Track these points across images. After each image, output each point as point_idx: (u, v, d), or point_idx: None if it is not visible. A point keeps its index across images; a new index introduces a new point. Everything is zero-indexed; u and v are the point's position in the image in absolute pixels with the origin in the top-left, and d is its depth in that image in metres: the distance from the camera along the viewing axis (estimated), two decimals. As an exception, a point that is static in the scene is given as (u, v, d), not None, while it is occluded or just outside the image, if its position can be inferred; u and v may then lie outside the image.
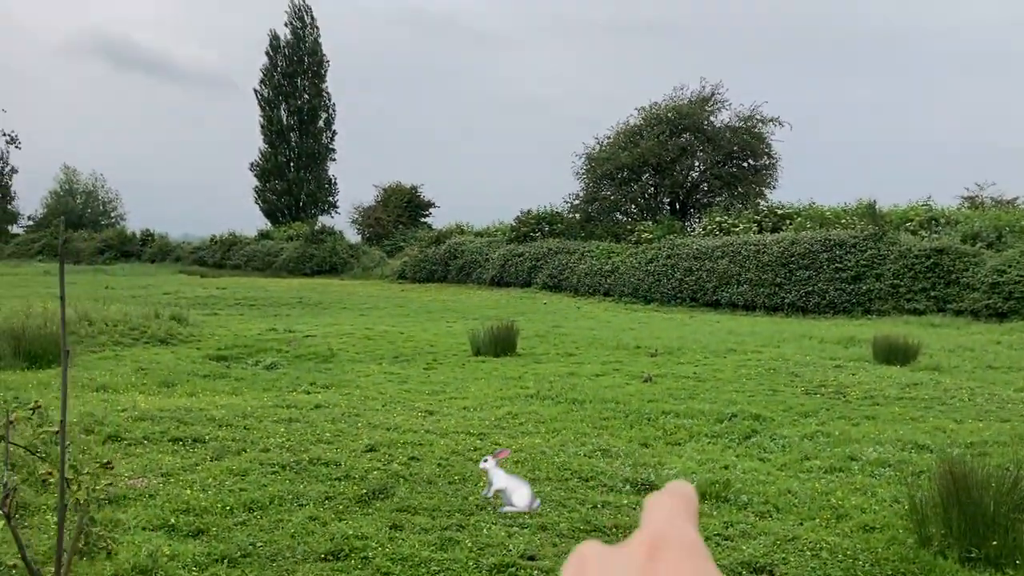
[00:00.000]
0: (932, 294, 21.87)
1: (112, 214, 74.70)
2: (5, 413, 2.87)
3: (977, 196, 31.89)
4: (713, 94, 35.27)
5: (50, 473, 2.68)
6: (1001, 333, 17.30)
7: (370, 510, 5.46)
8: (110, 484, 3.71)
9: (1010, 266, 20.58)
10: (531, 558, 4.72)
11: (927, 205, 27.21)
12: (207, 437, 7.11)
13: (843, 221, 26.28)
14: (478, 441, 7.41)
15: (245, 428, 7.54)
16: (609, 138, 36.58)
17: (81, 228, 64.59)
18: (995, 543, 4.66)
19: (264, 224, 57.08)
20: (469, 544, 4.85)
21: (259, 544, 4.79)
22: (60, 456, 2.55)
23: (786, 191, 51.97)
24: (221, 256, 50.79)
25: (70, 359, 11.36)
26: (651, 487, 6.10)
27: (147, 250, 55.57)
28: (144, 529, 4.94)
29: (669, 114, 35.02)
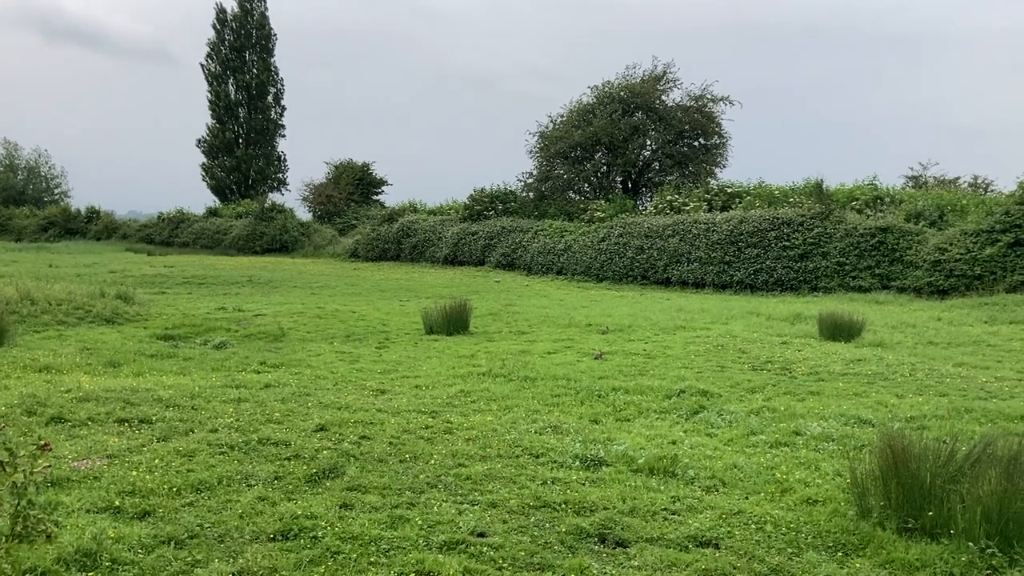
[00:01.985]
0: (876, 272, 22.33)
1: (56, 191, 72.85)
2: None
3: (920, 176, 32.57)
4: (665, 73, 35.40)
5: (-12, 459, 2.62)
6: (942, 310, 17.74)
7: (320, 489, 5.44)
8: (48, 466, 3.65)
9: (951, 245, 21.09)
10: (481, 535, 4.75)
11: (872, 184, 27.71)
12: (154, 418, 7.02)
13: (791, 200, 26.66)
14: (430, 419, 7.42)
15: (193, 408, 7.45)
16: (562, 116, 36.56)
17: (23, 204, 62.90)
18: (931, 514, 4.80)
19: (212, 201, 56.18)
20: (419, 522, 4.87)
21: (207, 525, 4.75)
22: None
23: (736, 170, 52.54)
24: (169, 234, 49.90)
25: (12, 339, 11.12)
26: (600, 463, 6.18)
27: (92, 227, 54.37)
28: (88, 512, 4.87)
29: (621, 93, 35.08)
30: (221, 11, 57.00)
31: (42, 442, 2.87)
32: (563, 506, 5.23)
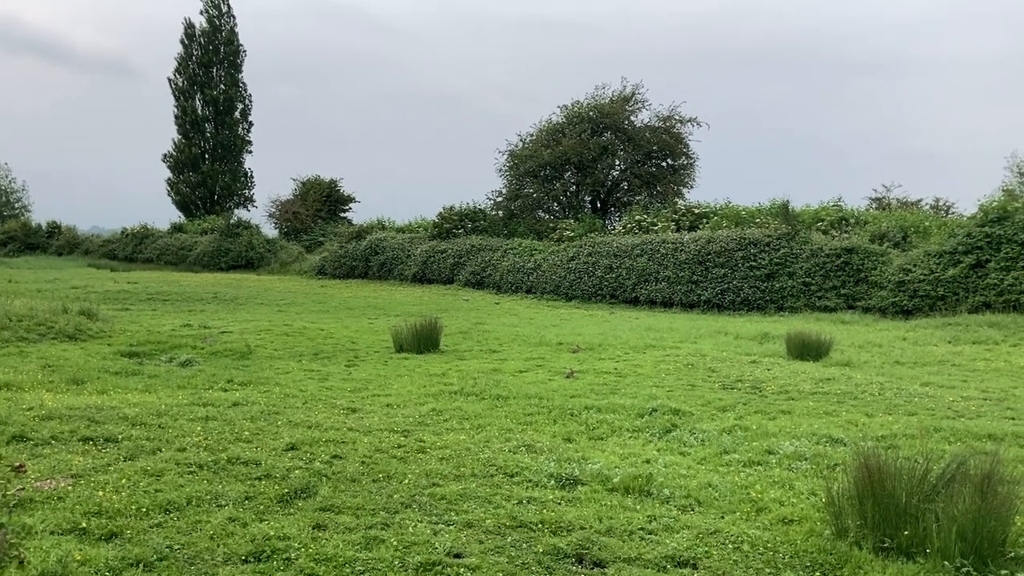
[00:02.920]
0: (842, 292, 22.59)
1: (16, 205, 71.60)
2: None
3: (884, 197, 33.08)
4: (634, 94, 35.71)
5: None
6: (907, 330, 17.97)
7: (292, 510, 5.34)
8: (22, 488, 3.52)
9: (915, 265, 21.40)
10: (457, 555, 4.68)
11: (837, 205, 28.08)
12: (120, 436, 6.86)
13: (757, 220, 26.92)
14: (402, 438, 7.34)
15: (160, 427, 7.30)
16: (532, 136, 36.71)
17: (-19, 219, 61.80)
18: (907, 533, 4.82)
19: (177, 217, 55.53)
20: (395, 543, 4.79)
21: (176, 547, 4.64)
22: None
23: (703, 190, 53.10)
24: (132, 249, 49.25)
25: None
26: (575, 482, 6.14)
27: (54, 243, 53.56)
28: (53, 534, 4.73)
29: (591, 113, 35.32)
30: (190, 26, 56.67)
31: (16, 463, 2.78)
32: (539, 526, 5.18)
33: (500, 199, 36.75)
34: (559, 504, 5.63)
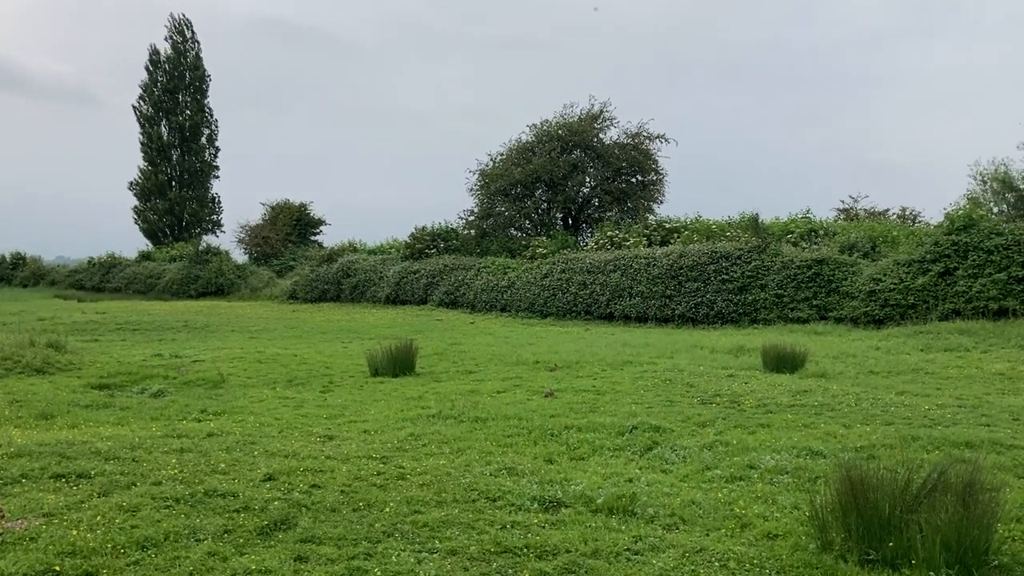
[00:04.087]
0: (814, 303, 22.78)
1: (-22, 237, 70.51)
2: None
3: (852, 208, 33.51)
4: (602, 111, 35.95)
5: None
6: (879, 339, 18.13)
7: (272, 542, 5.24)
8: (2, 532, 3.41)
9: (885, 275, 21.64)
10: (443, 584, 4.61)
11: (806, 217, 28.38)
12: (93, 472, 6.71)
13: (728, 234, 27.13)
14: (381, 465, 7.25)
15: (134, 460, 7.16)
16: (502, 155, 36.80)
17: (-56, 252, 60.74)
18: (891, 544, 4.82)
19: (145, 245, 54.97)
20: (378, 573, 4.71)
21: (154, 585, 4.53)
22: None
23: (673, 205, 53.69)
24: (100, 279, 48.64)
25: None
26: (559, 504, 6.09)
27: (18, 274, 52.79)
28: (26, 576, 4.60)
29: (560, 131, 35.50)
30: (154, 52, 56.34)
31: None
32: (524, 551, 5.13)
33: (472, 218, 36.77)
34: (543, 528, 5.57)
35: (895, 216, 32.05)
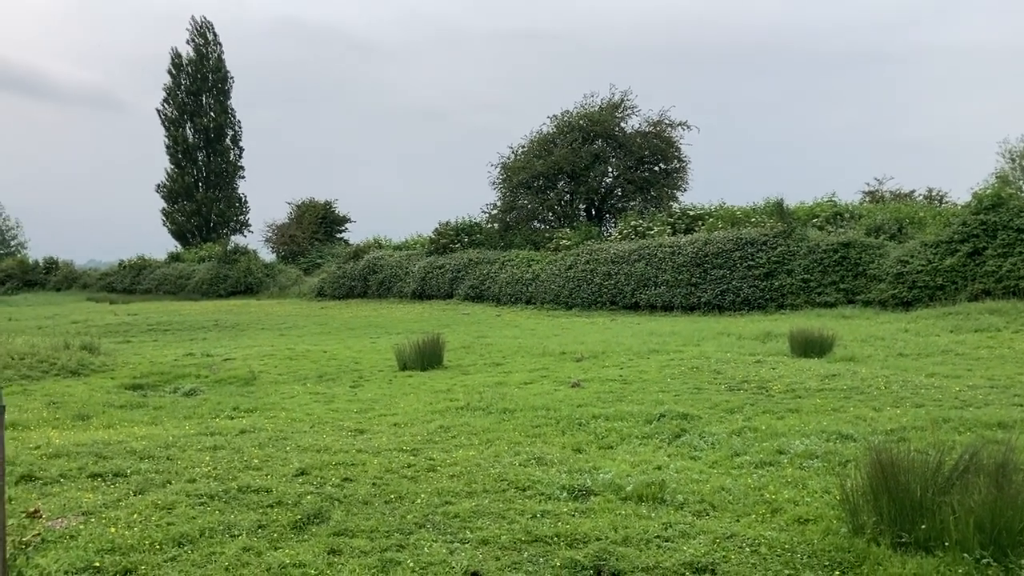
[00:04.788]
0: (841, 287, 22.60)
1: (12, 243, 71.66)
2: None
3: (877, 191, 33.15)
4: (623, 100, 35.82)
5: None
6: (908, 321, 17.97)
7: (306, 536, 5.32)
8: (38, 534, 3.50)
9: (912, 256, 21.42)
10: (475, 574, 4.66)
11: (831, 201, 28.14)
12: (128, 471, 6.83)
13: (753, 220, 26.96)
14: (412, 457, 7.31)
15: (168, 459, 7.27)
16: (523, 147, 36.78)
17: (-22, 259, 61.80)
18: (924, 527, 4.80)
19: (174, 246, 55.59)
20: (411, 564, 4.76)
21: (192, 580, 4.61)
22: (0, 517, 2.39)
23: (697, 193, 53.57)
24: (131, 281, 49.24)
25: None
26: (588, 493, 6.12)
27: (52, 278, 53.53)
28: (67, 573, 4.69)
29: (581, 121, 35.41)
30: (177, 56, 56.87)
31: (32, 508, 2.76)
32: (555, 539, 5.16)
33: (495, 212, 36.80)
34: (573, 516, 5.60)
35: (921, 197, 31.67)
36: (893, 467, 5.02)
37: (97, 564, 4.81)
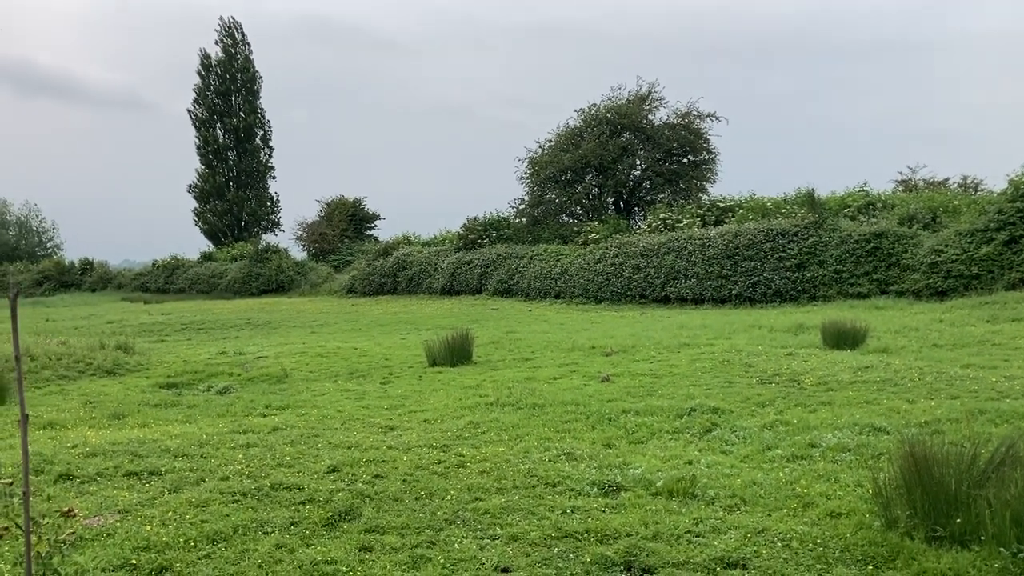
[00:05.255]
0: (874, 277, 22.33)
1: (48, 244, 72.85)
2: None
3: (910, 179, 32.72)
4: (650, 92, 35.62)
5: (6, 528, 2.55)
6: (943, 311, 17.72)
7: (337, 533, 5.36)
8: (72, 532, 3.56)
9: (947, 246, 21.11)
10: (505, 570, 4.67)
11: (863, 190, 27.81)
12: (163, 469, 6.93)
13: (784, 211, 26.72)
14: (442, 454, 7.34)
15: (202, 457, 7.37)
16: (551, 141, 36.71)
17: (16, 260, 62.86)
18: (959, 521, 4.74)
19: (206, 246, 56.17)
20: (442, 560, 4.79)
21: (226, 576, 4.67)
22: (24, 509, 2.44)
23: (726, 184, 53.07)
24: (164, 281, 49.83)
25: (13, 396, 11.00)
26: (618, 488, 6.11)
27: (87, 279, 54.28)
28: (104, 570, 4.78)
29: (608, 114, 35.26)
30: (205, 57, 57.37)
31: (66, 508, 2.81)
32: (585, 535, 5.16)
33: (523, 206, 36.79)
34: (603, 512, 5.60)
35: (956, 185, 31.20)
36: (927, 460, 4.96)
37: (133, 561, 4.89)
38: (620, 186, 35.41)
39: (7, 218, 71.78)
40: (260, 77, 58.65)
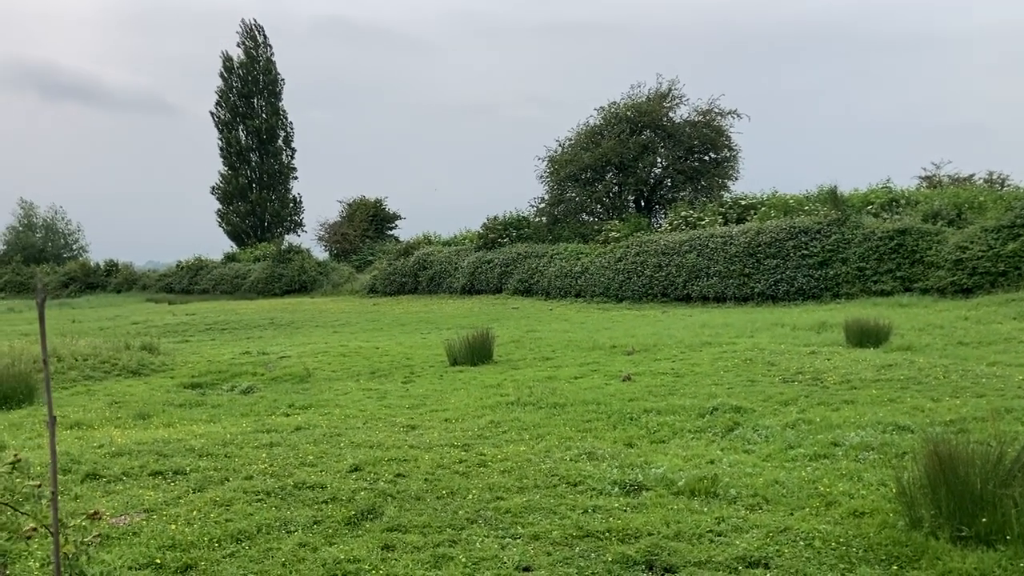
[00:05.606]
0: (898, 275, 22.15)
1: (74, 246, 73.65)
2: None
3: (934, 175, 32.37)
4: (670, 90, 35.52)
5: (35, 529, 2.60)
6: (968, 309, 17.54)
7: (360, 532, 5.39)
8: (99, 535, 3.61)
9: (972, 242, 20.89)
10: (526, 569, 4.68)
11: (887, 187, 27.57)
12: (188, 468, 7.00)
13: (806, 208, 26.55)
14: (463, 453, 7.36)
15: (226, 456, 7.43)
16: (570, 140, 36.69)
17: (43, 262, 63.61)
18: (984, 520, 4.70)
19: (230, 247, 56.61)
20: (463, 559, 4.80)
21: (250, 575, 4.71)
22: (52, 514, 2.48)
23: (748, 182, 52.86)
24: (188, 282, 50.25)
25: (40, 397, 11.14)
26: (640, 488, 6.10)
27: (112, 280, 54.84)
28: (130, 569, 4.83)
29: (628, 112, 35.19)
30: (228, 59, 57.78)
31: (92, 511, 2.85)
32: (606, 534, 5.16)
33: (543, 205, 36.79)
34: (625, 511, 5.59)
35: (982, 181, 30.81)
36: (952, 459, 4.92)
37: (158, 560, 4.94)
38: (641, 184, 35.33)
39: (34, 220, 72.62)
40: (282, 79, 59.02)
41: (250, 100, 57.83)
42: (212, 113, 58.08)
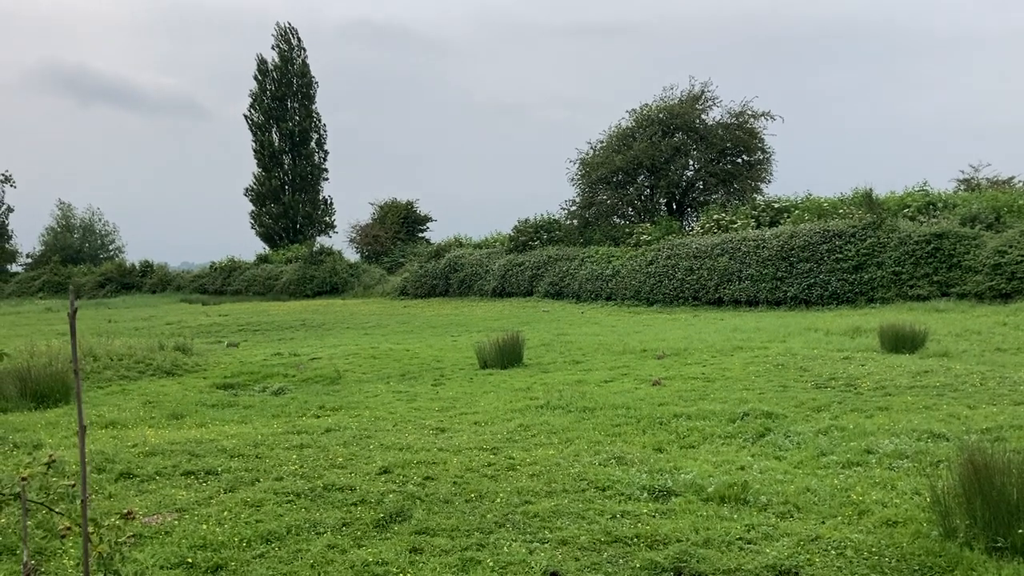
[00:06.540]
0: (935, 279, 21.83)
1: (111, 247, 74.77)
2: (18, 469, 2.83)
3: (973, 178, 31.87)
4: (703, 92, 35.28)
5: (68, 528, 2.64)
6: (1007, 314, 17.24)
7: (388, 534, 5.41)
8: (133, 535, 3.66)
9: (1011, 247, 20.54)
10: (554, 574, 4.67)
11: (923, 190, 27.18)
12: (220, 469, 7.07)
13: (841, 211, 26.25)
14: (492, 456, 7.36)
15: (257, 457, 7.49)
16: (602, 142, 36.58)
17: (80, 263, 64.63)
18: (1021, 531, 4.61)
19: (262, 248, 57.11)
20: (491, 563, 4.80)
21: (279, 576, 4.75)
22: (83, 521, 2.52)
23: (782, 184, 52.28)
24: (221, 283, 50.78)
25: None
26: (669, 493, 6.06)
27: (147, 281, 55.55)
28: (162, 568, 4.89)
29: (660, 115, 35.01)
30: (262, 62, 58.31)
31: (126, 511, 2.89)
32: (635, 540, 5.13)
33: (574, 208, 36.69)
34: (653, 517, 5.56)
35: (1021, 184, 30.29)
36: (987, 468, 4.84)
37: (190, 560, 4.99)
38: (673, 187, 35.12)
39: (72, 221, 73.83)
40: (316, 82, 59.44)
41: (284, 102, 58.30)
42: (246, 116, 58.64)
